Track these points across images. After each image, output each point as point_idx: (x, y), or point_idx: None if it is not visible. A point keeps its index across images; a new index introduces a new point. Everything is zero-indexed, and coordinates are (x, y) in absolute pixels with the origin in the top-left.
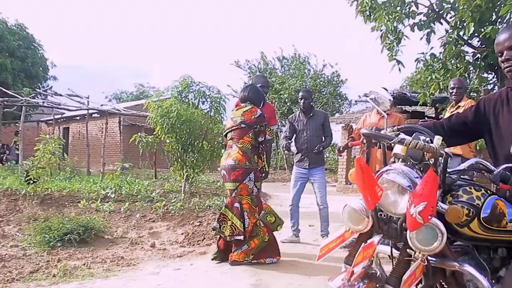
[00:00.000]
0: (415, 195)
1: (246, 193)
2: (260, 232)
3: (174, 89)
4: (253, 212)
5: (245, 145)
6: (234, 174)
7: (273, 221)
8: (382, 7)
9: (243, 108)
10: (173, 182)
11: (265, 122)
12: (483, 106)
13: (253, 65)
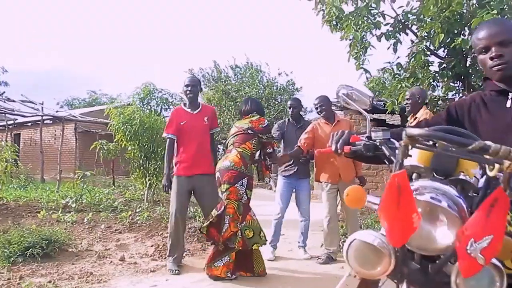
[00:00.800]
0: (473, 225)
1: (235, 197)
2: (236, 243)
3: (136, 96)
4: (235, 220)
5: (245, 151)
6: (227, 175)
7: (251, 236)
8: (350, 17)
9: (251, 117)
10: (133, 190)
11: (271, 133)
12: (455, 112)
13: (207, 73)
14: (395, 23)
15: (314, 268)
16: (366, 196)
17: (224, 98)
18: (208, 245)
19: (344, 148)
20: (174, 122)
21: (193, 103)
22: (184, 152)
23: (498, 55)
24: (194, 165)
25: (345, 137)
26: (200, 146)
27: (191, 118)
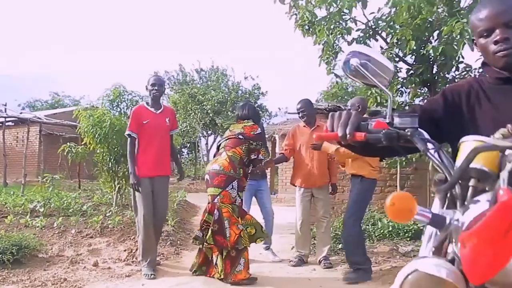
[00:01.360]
0: None
1: (228, 201)
2: (245, 243)
3: (105, 98)
4: (235, 222)
5: (234, 155)
6: (217, 180)
7: (253, 233)
8: (322, 22)
9: (245, 123)
10: (101, 194)
11: (262, 142)
12: (451, 97)
13: (172, 76)
14: (366, 29)
15: (287, 270)
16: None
17: (190, 102)
18: (182, 248)
19: (355, 135)
20: (137, 120)
21: (156, 103)
22: (146, 152)
23: (504, 38)
24: (156, 166)
25: (353, 120)
26: (162, 146)
27: (154, 118)
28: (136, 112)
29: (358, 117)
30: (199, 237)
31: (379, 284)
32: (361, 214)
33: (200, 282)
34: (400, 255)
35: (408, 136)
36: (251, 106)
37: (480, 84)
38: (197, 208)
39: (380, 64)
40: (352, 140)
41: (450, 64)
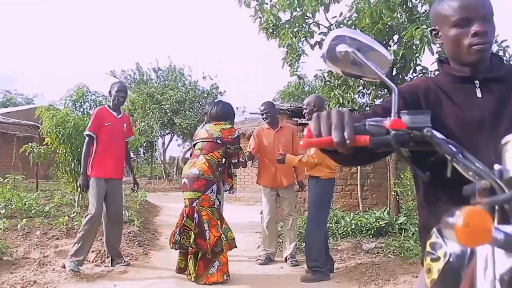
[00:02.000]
0: None
1: (208, 204)
2: (223, 247)
3: (68, 98)
4: (214, 225)
5: (212, 159)
6: (196, 184)
7: (233, 237)
8: (286, 25)
9: (223, 125)
10: (60, 194)
11: (239, 145)
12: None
13: (129, 75)
14: (328, 33)
15: (255, 269)
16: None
17: (148, 101)
18: (150, 249)
19: (356, 139)
20: (99, 121)
21: (118, 108)
22: (104, 154)
23: (484, 31)
24: (113, 169)
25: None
26: (119, 150)
27: (116, 121)
28: (99, 113)
29: (352, 117)
30: (177, 242)
31: (346, 280)
32: (324, 216)
33: (172, 281)
34: (364, 252)
35: (427, 138)
36: (224, 104)
37: (437, 84)
38: (158, 208)
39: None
40: (353, 146)
41: (409, 66)
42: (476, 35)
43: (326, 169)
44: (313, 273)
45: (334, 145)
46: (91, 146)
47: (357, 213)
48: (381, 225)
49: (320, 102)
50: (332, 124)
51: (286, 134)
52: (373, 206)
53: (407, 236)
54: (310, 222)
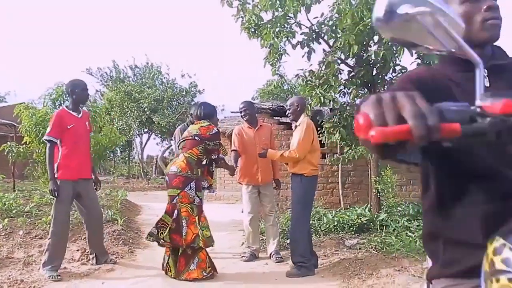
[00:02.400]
0: None
1: (187, 201)
2: (200, 243)
3: (47, 97)
4: (193, 222)
5: (191, 156)
6: (175, 181)
7: (209, 236)
8: (268, 25)
9: (202, 123)
10: (39, 194)
11: (219, 141)
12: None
13: (105, 73)
14: (310, 33)
15: (240, 266)
16: None
17: (126, 99)
18: (135, 247)
19: (445, 128)
20: (61, 125)
21: (78, 107)
22: (71, 156)
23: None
24: (81, 169)
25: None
26: (85, 150)
27: (77, 122)
28: (59, 116)
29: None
30: (154, 234)
31: (330, 275)
32: (307, 213)
33: (159, 278)
34: (346, 248)
35: None
36: (206, 105)
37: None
38: (138, 207)
39: (447, 18)
40: (440, 137)
41: (389, 66)
42: (489, 9)
43: (309, 165)
44: (298, 269)
45: (411, 137)
46: (54, 150)
47: (339, 210)
48: (363, 221)
49: (303, 103)
50: (407, 110)
51: (265, 133)
52: (354, 203)
53: (388, 232)
54: (295, 219)
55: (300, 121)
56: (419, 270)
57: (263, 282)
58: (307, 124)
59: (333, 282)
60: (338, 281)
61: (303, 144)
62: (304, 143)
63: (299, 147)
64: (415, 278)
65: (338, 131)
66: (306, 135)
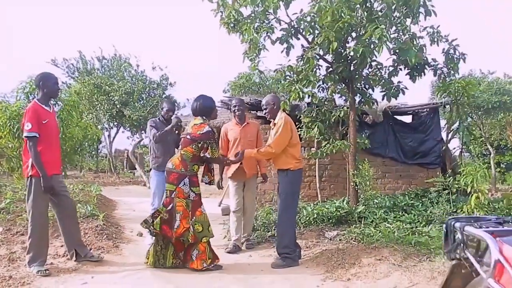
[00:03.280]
0: None
1: (182, 196)
2: (189, 238)
3: (20, 91)
4: (186, 216)
5: (186, 154)
6: (171, 177)
7: (200, 230)
8: (248, 21)
9: (196, 121)
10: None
11: (210, 140)
12: None
13: (72, 64)
14: (289, 29)
15: (225, 257)
16: None
17: (96, 92)
18: (119, 242)
19: None
20: (38, 120)
21: (49, 102)
22: (46, 153)
23: None
24: (55, 165)
25: None
26: (58, 145)
27: (51, 117)
28: (34, 111)
29: None
30: (148, 222)
31: (314, 265)
32: (295, 205)
33: (147, 271)
34: (327, 239)
35: None
36: (203, 99)
37: None
38: (113, 202)
39: None
40: None
41: (366, 62)
42: None
43: (293, 160)
44: (283, 259)
45: None
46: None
47: (316, 203)
48: (341, 214)
49: (279, 101)
50: None
51: (252, 130)
52: (331, 196)
53: (367, 223)
54: (283, 212)
55: (278, 118)
56: (398, 259)
57: (249, 273)
58: (284, 121)
59: (318, 272)
60: (322, 270)
61: (278, 140)
62: (280, 139)
63: (275, 142)
64: (395, 266)
65: (316, 125)
66: (283, 132)
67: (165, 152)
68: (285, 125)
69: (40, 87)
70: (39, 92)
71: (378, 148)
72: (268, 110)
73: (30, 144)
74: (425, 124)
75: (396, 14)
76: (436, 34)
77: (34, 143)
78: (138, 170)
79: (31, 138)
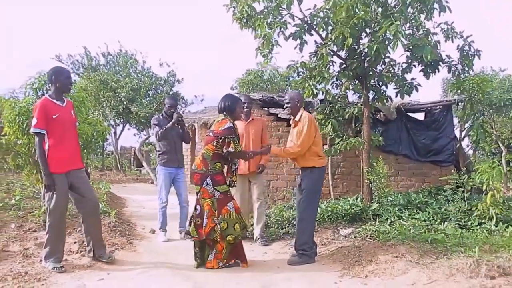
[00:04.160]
0: None
1: (208, 196)
2: (216, 236)
3: (29, 86)
4: (211, 215)
5: (207, 152)
6: (195, 178)
7: (225, 228)
8: (261, 16)
9: (218, 118)
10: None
11: (232, 135)
12: None
13: (76, 60)
14: (302, 24)
15: None
16: None
17: (102, 89)
18: (132, 238)
19: None
20: (46, 115)
21: (61, 96)
22: (59, 148)
23: None
24: (71, 160)
25: None
26: (74, 140)
27: (63, 111)
28: (43, 106)
29: None
30: (189, 232)
31: (330, 262)
32: (317, 202)
33: (163, 269)
34: (342, 237)
35: None
36: (228, 98)
37: None
38: (122, 199)
39: None
40: None
41: (380, 59)
42: None
43: (317, 157)
44: (299, 256)
45: None
46: (43, 143)
47: (329, 201)
48: (356, 211)
49: (302, 98)
50: None
51: (256, 126)
52: (344, 194)
53: (381, 221)
54: (305, 208)
55: (301, 116)
56: (415, 256)
57: (266, 270)
58: (309, 119)
59: (334, 269)
60: (339, 267)
61: (306, 139)
62: (307, 138)
63: (303, 142)
64: (412, 263)
65: (330, 122)
66: (308, 131)
67: (171, 148)
68: (310, 124)
69: (53, 82)
70: (51, 86)
71: (391, 146)
72: (291, 106)
73: (36, 140)
74: (438, 121)
75: (410, 10)
76: (450, 30)
77: (40, 139)
78: (145, 167)
79: (36, 134)
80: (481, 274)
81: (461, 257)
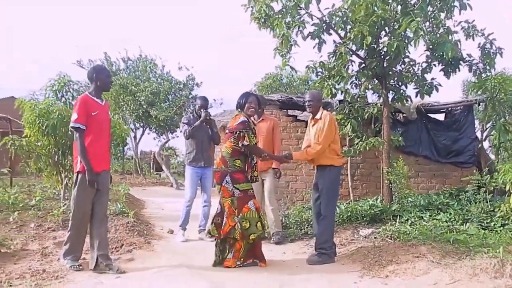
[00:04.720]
0: None
1: (227, 194)
2: (237, 235)
3: (49, 88)
4: (231, 214)
5: (226, 150)
6: (216, 177)
7: (247, 227)
8: (280, 15)
9: (234, 114)
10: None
11: (246, 128)
12: None
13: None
14: (320, 24)
15: None
16: None
17: (122, 93)
18: (150, 238)
19: None
20: (86, 111)
21: (101, 95)
22: (95, 146)
23: None
24: (103, 160)
25: None
26: (107, 140)
27: (101, 110)
28: (83, 102)
29: None
30: (210, 232)
31: (350, 262)
32: (335, 201)
33: (180, 268)
34: (362, 237)
35: None
36: (242, 96)
37: None
38: (141, 201)
39: None
40: None
41: (400, 58)
42: None
43: (335, 156)
44: (319, 256)
45: None
46: (84, 139)
47: (348, 203)
48: (375, 212)
49: (321, 97)
50: None
51: (267, 126)
52: (363, 195)
53: (402, 222)
54: (325, 207)
55: (321, 115)
56: (437, 257)
57: (285, 270)
58: (330, 118)
59: (354, 268)
60: (358, 267)
61: (327, 135)
62: (328, 133)
63: (325, 138)
64: (434, 263)
65: (350, 122)
66: (329, 128)
67: (198, 147)
68: (330, 121)
69: (94, 80)
70: (91, 84)
71: (411, 147)
72: (312, 104)
73: (76, 135)
74: (459, 122)
75: (429, 9)
76: (471, 28)
77: (80, 134)
78: (164, 171)
79: (76, 129)
80: (506, 275)
81: (485, 257)
